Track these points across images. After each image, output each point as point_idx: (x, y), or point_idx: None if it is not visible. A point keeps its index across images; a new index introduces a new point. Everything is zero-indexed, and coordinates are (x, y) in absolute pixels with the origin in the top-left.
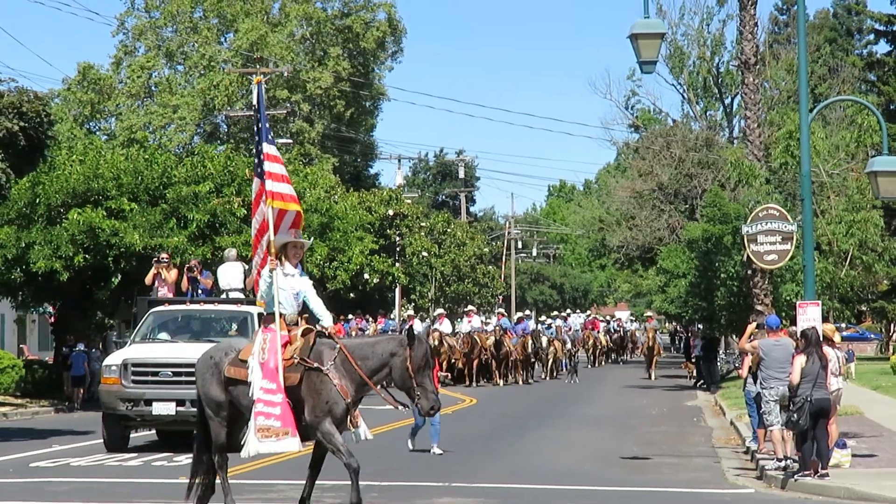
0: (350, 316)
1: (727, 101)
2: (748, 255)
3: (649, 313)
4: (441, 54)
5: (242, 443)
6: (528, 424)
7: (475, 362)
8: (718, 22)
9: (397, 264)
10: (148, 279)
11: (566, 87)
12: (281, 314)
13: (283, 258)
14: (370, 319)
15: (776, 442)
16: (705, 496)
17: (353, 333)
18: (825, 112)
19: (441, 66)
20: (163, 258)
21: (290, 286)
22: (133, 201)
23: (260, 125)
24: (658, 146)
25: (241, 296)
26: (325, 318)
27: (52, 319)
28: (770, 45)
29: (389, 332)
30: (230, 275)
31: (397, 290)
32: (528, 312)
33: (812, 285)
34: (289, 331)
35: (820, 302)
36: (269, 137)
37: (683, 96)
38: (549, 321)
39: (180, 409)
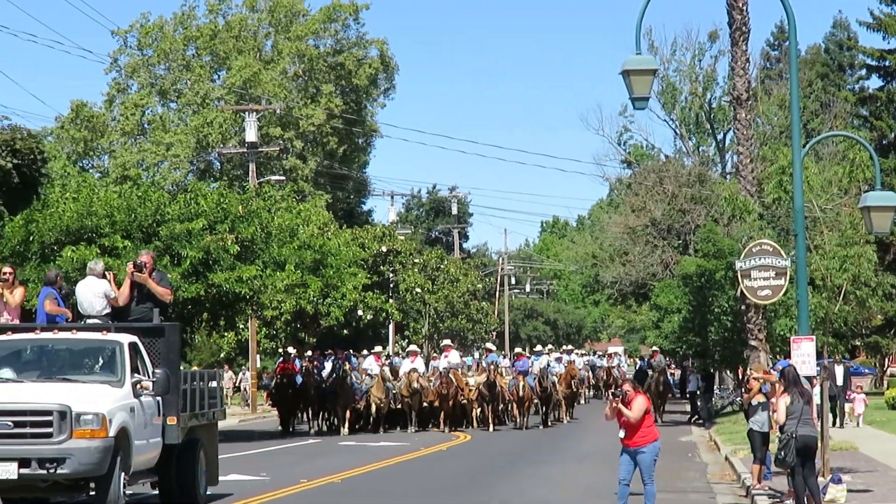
0: (308, 353)
1: (719, 137)
2: (742, 291)
3: (654, 348)
4: (433, 91)
5: None
6: (519, 461)
7: (450, 403)
8: (710, 58)
9: (391, 300)
10: None
11: (559, 123)
12: None
13: None
14: (327, 356)
15: None
16: None
17: (309, 370)
18: (818, 147)
19: (433, 102)
20: (4, 273)
21: None
22: (126, 238)
23: None
24: (651, 182)
25: (105, 322)
26: None
27: None
28: (762, 80)
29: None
30: (88, 295)
31: (391, 327)
32: (539, 348)
33: (806, 320)
34: None
35: (814, 337)
36: None
37: (676, 132)
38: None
39: (24, 471)
